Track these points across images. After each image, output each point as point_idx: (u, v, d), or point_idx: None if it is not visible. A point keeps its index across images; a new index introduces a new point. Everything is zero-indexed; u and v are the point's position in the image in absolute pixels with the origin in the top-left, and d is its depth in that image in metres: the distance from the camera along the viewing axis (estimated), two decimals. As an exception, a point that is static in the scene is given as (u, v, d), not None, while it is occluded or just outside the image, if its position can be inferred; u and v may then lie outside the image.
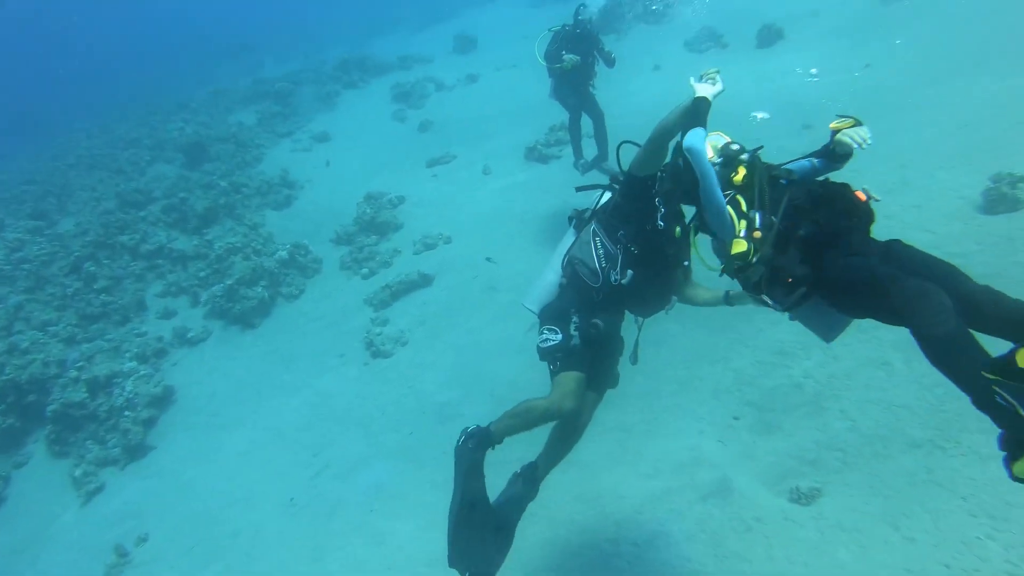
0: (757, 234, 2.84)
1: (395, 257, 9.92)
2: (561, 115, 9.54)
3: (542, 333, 3.78)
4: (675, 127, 3.29)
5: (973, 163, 6.99)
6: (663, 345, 6.27)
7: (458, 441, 3.76)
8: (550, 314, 3.85)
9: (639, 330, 3.95)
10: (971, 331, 2.33)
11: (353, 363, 8.20)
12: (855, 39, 11.58)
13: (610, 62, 8.57)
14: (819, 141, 3.25)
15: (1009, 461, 2.18)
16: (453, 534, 3.57)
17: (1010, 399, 2.13)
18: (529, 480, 3.85)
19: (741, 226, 2.89)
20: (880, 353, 5.36)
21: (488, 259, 8.92)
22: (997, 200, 6.24)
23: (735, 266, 2.90)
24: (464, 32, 20.41)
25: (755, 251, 2.83)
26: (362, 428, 7.13)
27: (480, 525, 3.62)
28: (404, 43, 22.14)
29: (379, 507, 6.05)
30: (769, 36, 12.89)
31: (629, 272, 3.63)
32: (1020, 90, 8.04)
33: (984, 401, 2.19)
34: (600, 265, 3.68)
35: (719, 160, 3.22)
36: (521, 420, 3.65)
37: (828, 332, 3.21)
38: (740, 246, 2.86)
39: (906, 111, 8.62)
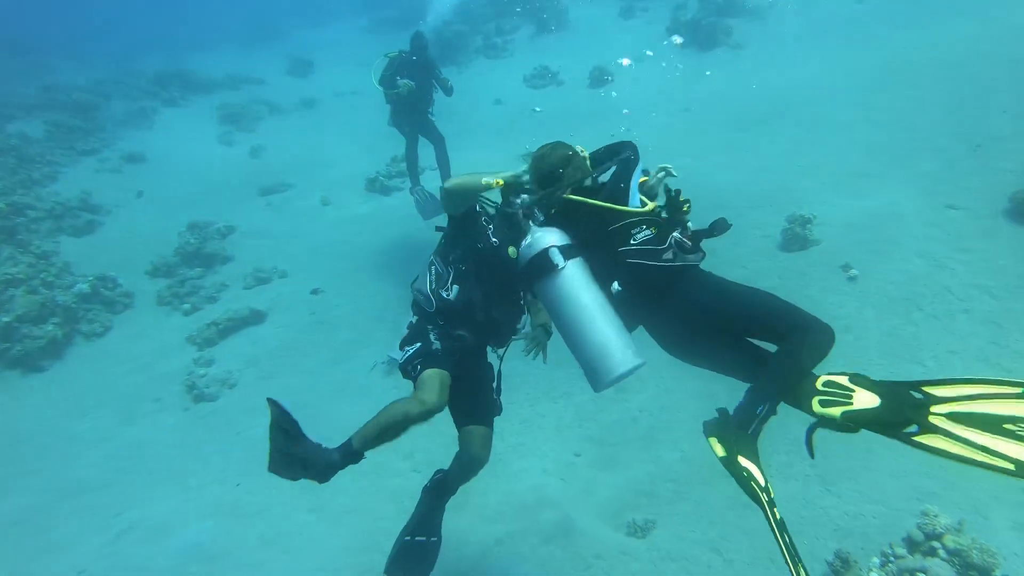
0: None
1: (223, 292, 9.19)
2: (404, 145, 9.51)
3: (403, 352, 3.63)
4: (479, 192, 3.40)
5: (774, 204, 7.89)
6: (506, 382, 6.32)
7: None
8: (406, 338, 3.70)
9: (500, 360, 3.92)
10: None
11: (171, 409, 7.41)
12: (677, 84, 12.76)
13: (448, 90, 8.64)
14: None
15: (712, 430, 2.57)
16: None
17: (764, 413, 2.51)
18: (438, 492, 3.87)
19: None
20: (706, 385, 5.77)
21: (314, 291, 8.52)
22: (792, 239, 7.13)
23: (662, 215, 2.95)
24: (299, 54, 19.76)
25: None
26: (178, 482, 6.40)
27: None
28: (232, 60, 20.86)
29: (196, 571, 5.44)
30: (600, 77, 13.88)
31: (455, 288, 3.55)
32: (802, 140, 9.30)
33: (757, 402, 2.52)
34: (431, 288, 3.61)
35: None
36: (379, 426, 3.42)
37: (606, 375, 2.97)
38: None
39: (720, 153, 9.59)
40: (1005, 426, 1.85)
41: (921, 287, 5.98)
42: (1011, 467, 1.80)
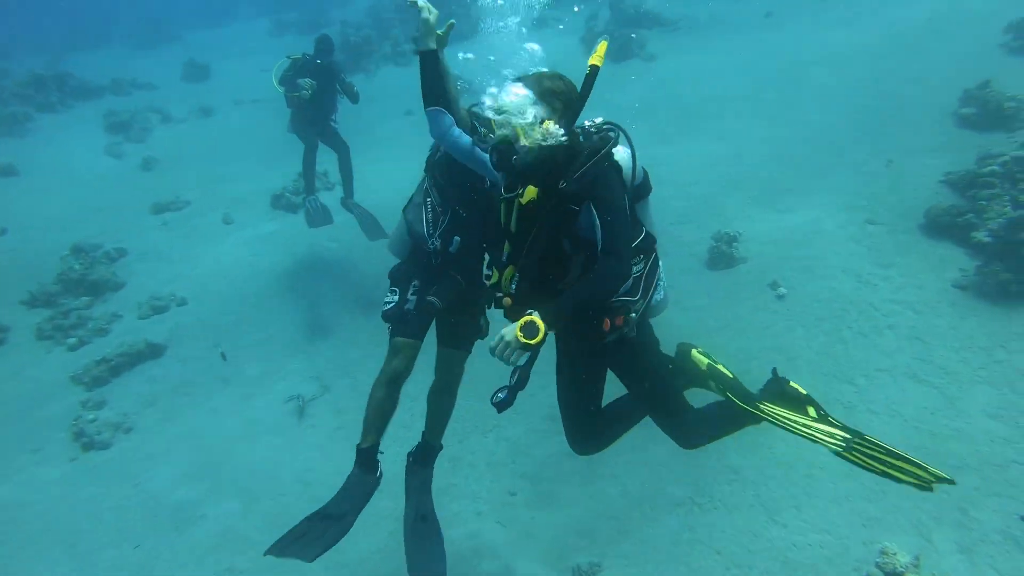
0: None
1: (114, 323, 8.30)
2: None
3: (386, 295, 3.73)
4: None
5: (697, 220, 7.92)
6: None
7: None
8: (395, 275, 3.77)
9: None
10: None
11: (54, 460, 6.56)
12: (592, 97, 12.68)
13: (354, 96, 8.25)
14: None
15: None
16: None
17: None
18: (423, 458, 3.99)
19: None
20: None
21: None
22: (718, 257, 7.13)
23: None
24: (195, 58, 18.50)
25: None
26: (66, 546, 5.64)
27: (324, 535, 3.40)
28: (118, 63, 19.32)
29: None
30: (514, 89, 13.64)
31: (456, 239, 3.52)
32: (723, 154, 9.40)
33: None
34: (428, 230, 3.57)
35: None
36: (372, 406, 3.57)
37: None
38: None
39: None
40: None
41: (847, 304, 6.08)
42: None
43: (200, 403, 7.00)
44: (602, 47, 2.64)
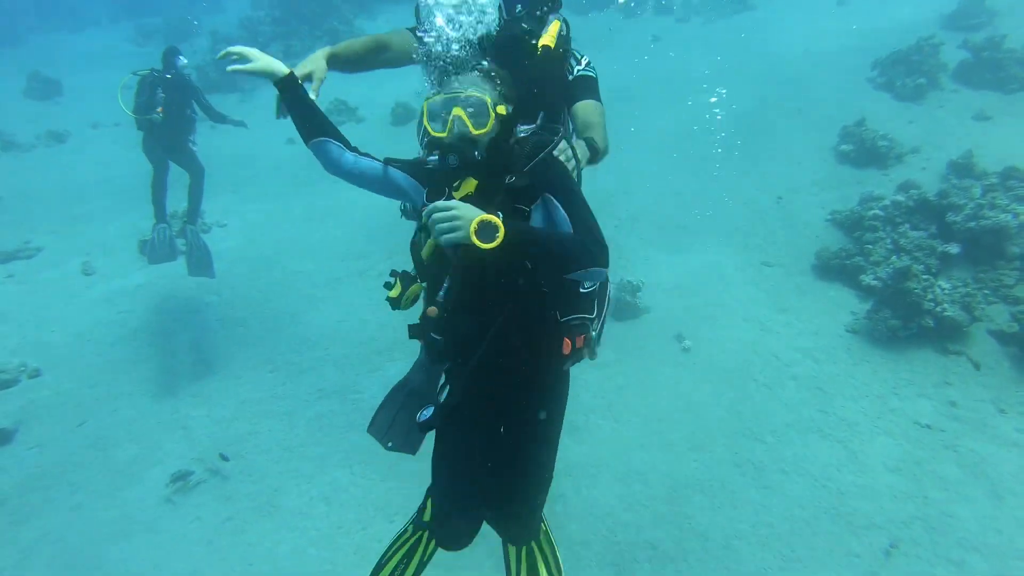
0: None
1: (-59, 404, 7.14)
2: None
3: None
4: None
5: (598, 264, 7.80)
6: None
7: None
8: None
9: None
10: None
11: None
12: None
13: (215, 114, 7.86)
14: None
15: None
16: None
17: None
18: None
19: None
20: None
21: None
22: (623, 308, 7.04)
23: None
24: (42, 70, 16.52)
25: None
26: None
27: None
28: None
29: None
30: (404, 115, 13.12)
31: None
32: (616, 189, 9.34)
33: None
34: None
35: None
36: None
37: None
38: None
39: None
40: None
41: (751, 354, 6.15)
42: None
43: (59, 498, 6.09)
44: (554, 27, 2.45)
